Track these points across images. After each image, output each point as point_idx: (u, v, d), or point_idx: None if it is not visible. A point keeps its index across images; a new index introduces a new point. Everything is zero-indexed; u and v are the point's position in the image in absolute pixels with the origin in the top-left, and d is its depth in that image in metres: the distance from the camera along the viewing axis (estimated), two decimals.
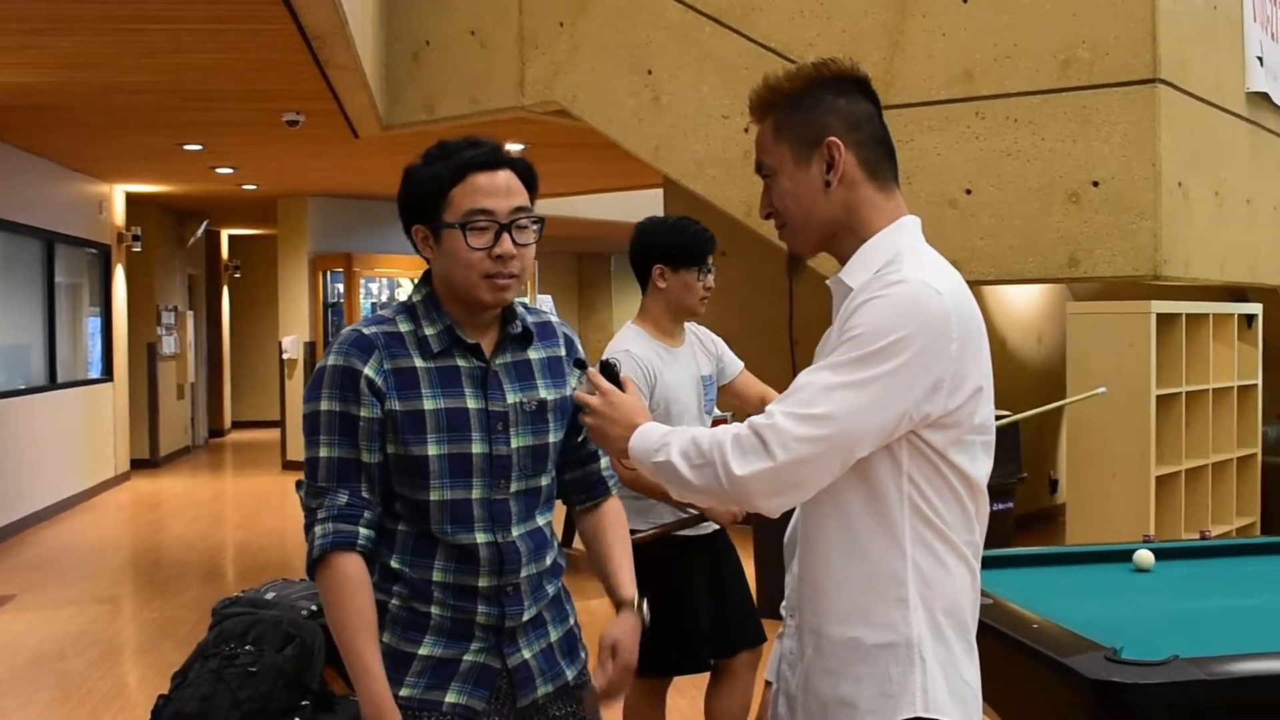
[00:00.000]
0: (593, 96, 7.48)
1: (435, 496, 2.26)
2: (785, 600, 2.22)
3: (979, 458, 1.99)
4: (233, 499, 13.51)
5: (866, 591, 1.97)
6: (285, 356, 15.09)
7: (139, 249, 14.32)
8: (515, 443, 2.31)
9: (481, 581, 2.28)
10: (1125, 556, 3.83)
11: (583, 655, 2.48)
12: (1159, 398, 6.40)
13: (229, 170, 12.47)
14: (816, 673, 2.03)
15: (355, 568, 2.23)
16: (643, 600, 2.46)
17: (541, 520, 2.40)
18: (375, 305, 14.45)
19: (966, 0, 6.20)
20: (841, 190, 2.04)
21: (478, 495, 2.28)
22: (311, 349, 14.81)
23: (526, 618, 2.33)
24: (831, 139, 2.02)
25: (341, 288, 14.94)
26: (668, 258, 4.01)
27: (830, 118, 2.04)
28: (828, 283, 2.10)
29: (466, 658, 2.28)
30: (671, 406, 3.92)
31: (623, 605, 2.44)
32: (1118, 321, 6.43)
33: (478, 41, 8.03)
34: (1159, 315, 6.41)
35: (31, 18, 6.58)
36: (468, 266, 2.26)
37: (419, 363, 2.28)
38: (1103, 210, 5.90)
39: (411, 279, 2.31)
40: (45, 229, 11.75)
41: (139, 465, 14.77)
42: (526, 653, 2.33)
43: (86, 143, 10.83)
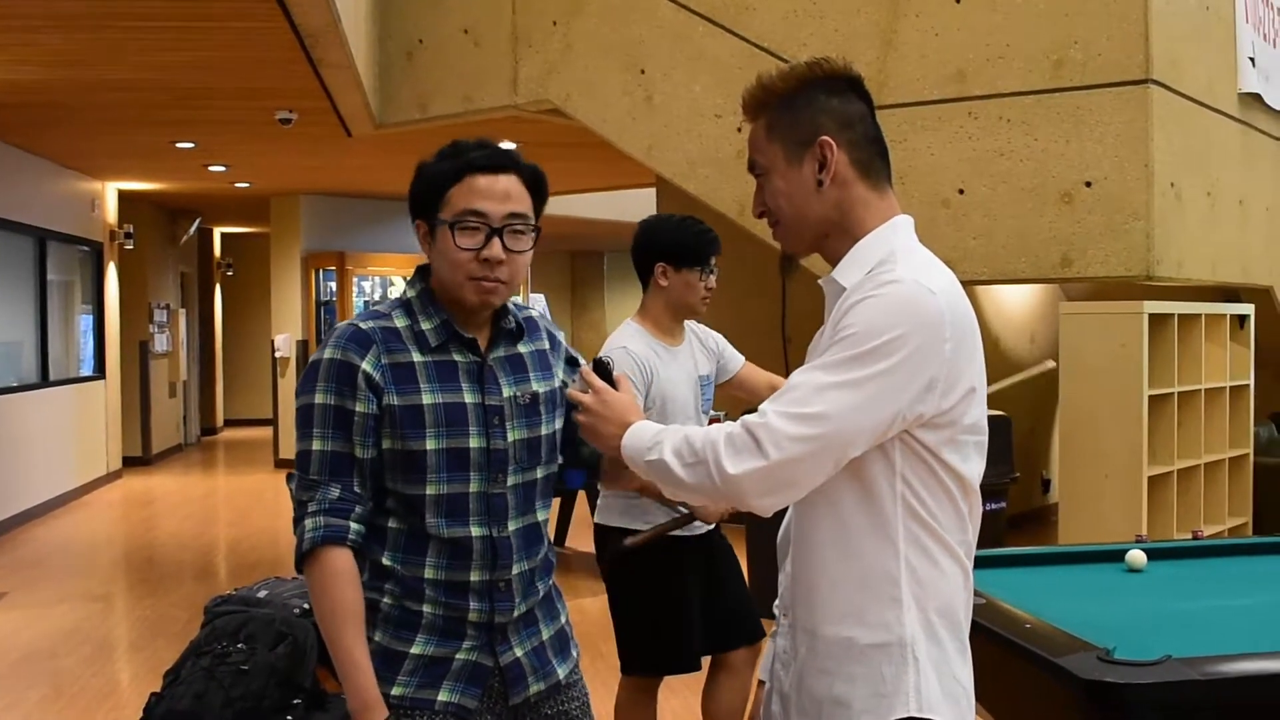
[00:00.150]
0: (586, 95, 7.48)
1: (432, 491, 2.26)
2: (778, 599, 2.22)
3: (972, 457, 2.00)
4: (225, 497, 13.50)
5: (860, 591, 1.97)
6: (278, 355, 15.07)
7: (131, 247, 14.30)
8: (511, 436, 2.32)
9: (474, 576, 2.28)
10: (1118, 556, 3.84)
11: (574, 654, 2.47)
12: (1151, 398, 6.41)
13: (222, 168, 12.45)
14: (810, 672, 2.03)
15: (345, 562, 2.23)
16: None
17: (540, 514, 2.40)
18: (368, 303, 14.44)
19: (959, 0, 6.20)
20: (834, 190, 2.04)
21: (474, 489, 2.28)
22: (304, 347, 14.80)
23: (517, 614, 2.33)
24: (824, 138, 2.02)
25: (334, 286, 14.93)
26: (671, 256, 4.01)
27: (823, 117, 2.04)
28: (820, 282, 2.10)
29: (459, 656, 2.28)
30: (668, 405, 3.92)
31: None
32: (1110, 322, 6.43)
33: (471, 40, 8.02)
34: (1151, 315, 6.42)
35: (23, 15, 6.56)
36: (454, 266, 2.27)
37: (416, 357, 2.28)
38: (1095, 210, 5.90)
39: (404, 277, 2.32)
40: (37, 226, 11.73)
41: (131, 463, 14.75)
42: (518, 650, 2.33)
43: (79, 140, 10.81)
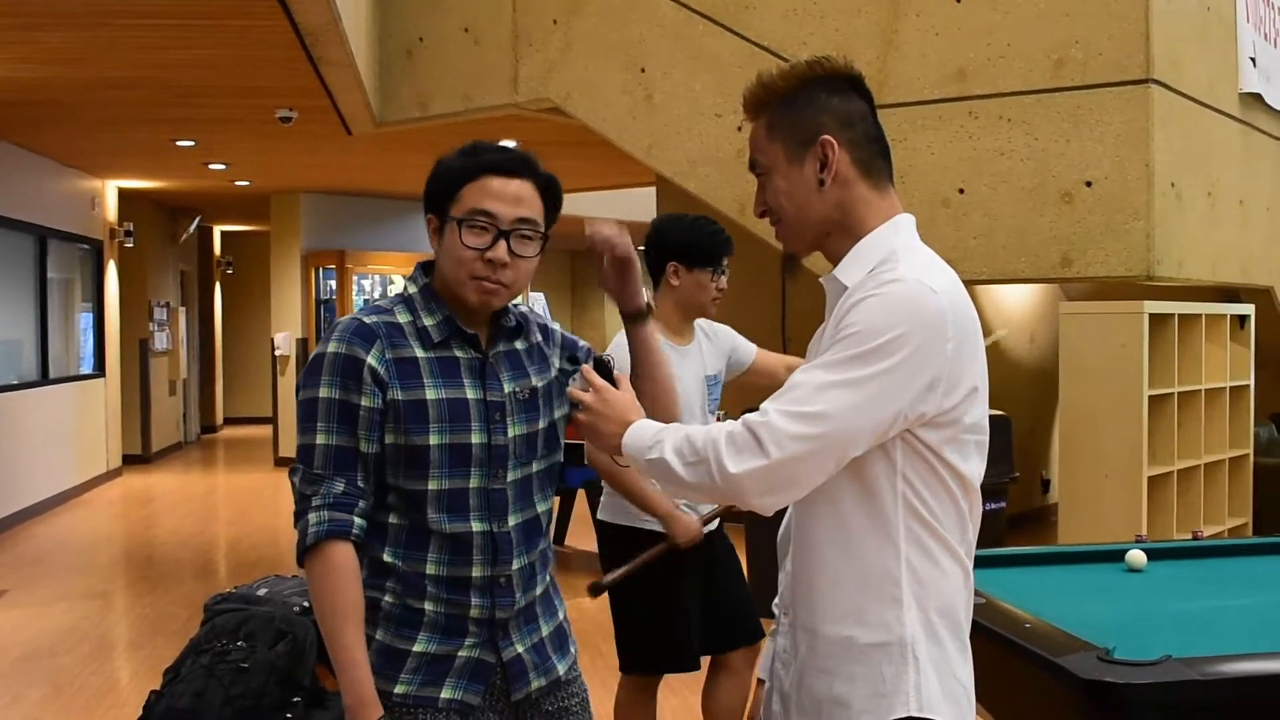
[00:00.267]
0: (586, 94, 7.48)
1: (434, 486, 2.26)
2: (778, 598, 2.22)
3: (973, 457, 1.99)
4: (225, 495, 13.50)
5: (860, 590, 1.97)
6: (277, 353, 15.08)
7: (131, 245, 14.30)
8: (512, 431, 2.32)
9: (475, 571, 2.28)
10: (1118, 556, 3.83)
11: (572, 650, 2.48)
12: (1151, 398, 6.41)
13: (222, 166, 12.45)
14: (810, 671, 2.03)
15: (347, 557, 2.22)
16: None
17: (541, 506, 2.40)
18: (368, 302, 14.43)
19: (959, 0, 6.20)
20: (835, 189, 2.03)
21: (475, 485, 2.28)
22: (304, 345, 14.80)
23: (517, 609, 2.33)
24: (825, 137, 2.02)
25: (334, 284, 14.94)
26: (683, 256, 4.00)
27: (824, 116, 2.03)
28: (821, 281, 2.10)
29: (461, 653, 2.28)
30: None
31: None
32: (1110, 321, 6.43)
33: (471, 39, 8.02)
34: (1151, 315, 6.42)
35: (22, 12, 6.56)
36: (458, 263, 2.27)
37: (419, 353, 2.28)
38: (1096, 210, 5.90)
39: (404, 276, 2.32)
40: (38, 225, 11.73)
41: (131, 461, 14.75)
42: (519, 646, 2.33)
43: (79, 138, 10.81)
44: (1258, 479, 7.79)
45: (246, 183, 13.81)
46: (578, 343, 2.53)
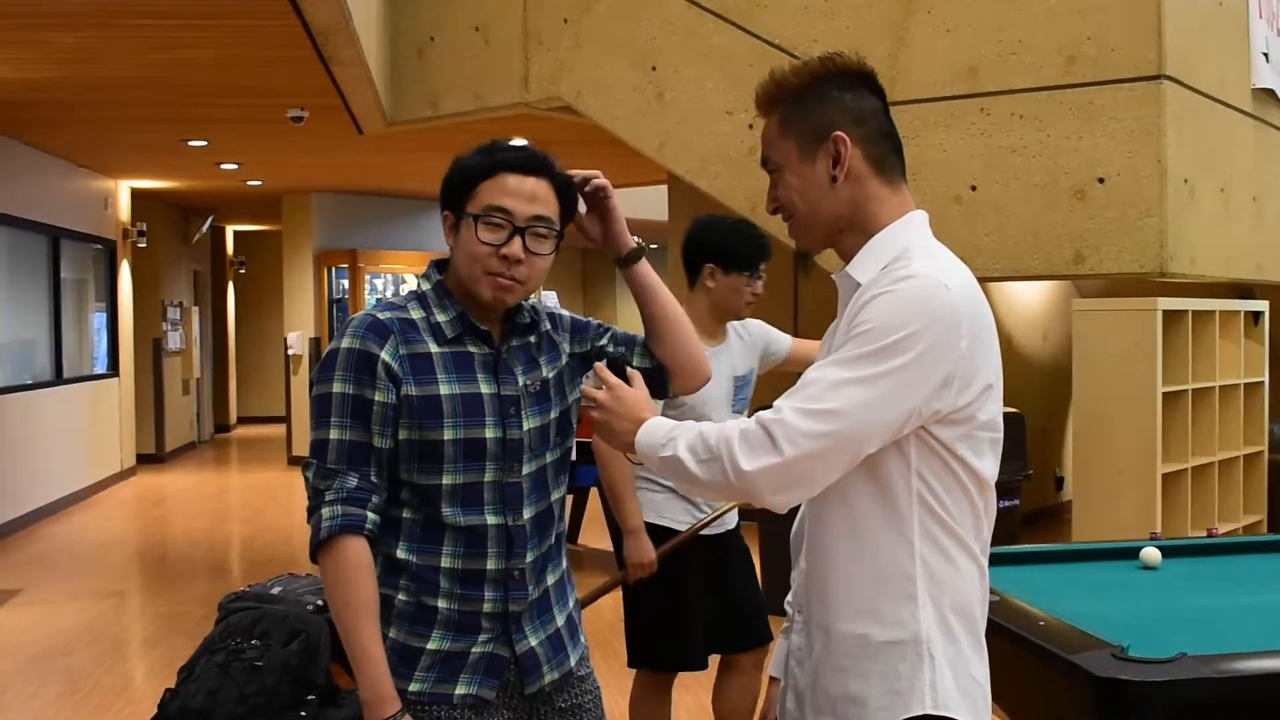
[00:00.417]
0: (597, 93, 7.48)
1: (448, 481, 2.26)
2: (791, 595, 2.21)
3: (987, 454, 1.98)
4: (238, 494, 13.53)
5: (875, 588, 1.97)
6: (290, 352, 15.11)
7: (144, 245, 14.34)
8: (526, 425, 2.32)
9: (489, 565, 2.28)
10: (1132, 554, 3.82)
11: (582, 640, 2.48)
12: (1165, 395, 6.39)
13: (234, 166, 12.48)
14: (825, 669, 2.02)
15: (361, 551, 2.23)
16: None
17: (555, 495, 2.40)
18: (380, 300, 14.47)
19: None
20: (848, 185, 2.03)
21: (489, 479, 2.28)
22: (316, 345, 14.83)
23: (530, 601, 2.33)
24: (838, 133, 2.01)
25: (346, 284, 14.97)
26: (721, 258, 4.00)
27: (836, 113, 2.03)
28: (834, 277, 2.09)
29: (475, 649, 2.28)
30: (698, 404, 3.88)
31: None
32: (1123, 318, 6.41)
33: (482, 38, 8.02)
34: (1165, 312, 6.40)
35: (33, 13, 6.58)
36: (472, 259, 2.28)
37: (433, 348, 2.29)
38: (1108, 207, 5.89)
39: (416, 275, 2.32)
40: (51, 225, 11.76)
41: (145, 460, 14.79)
42: (533, 639, 2.34)
43: (91, 139, 10.84)
44: (1273, 476, 7.77)
45: (259, 182, 13.83)
46: (589, 322, 2.53)
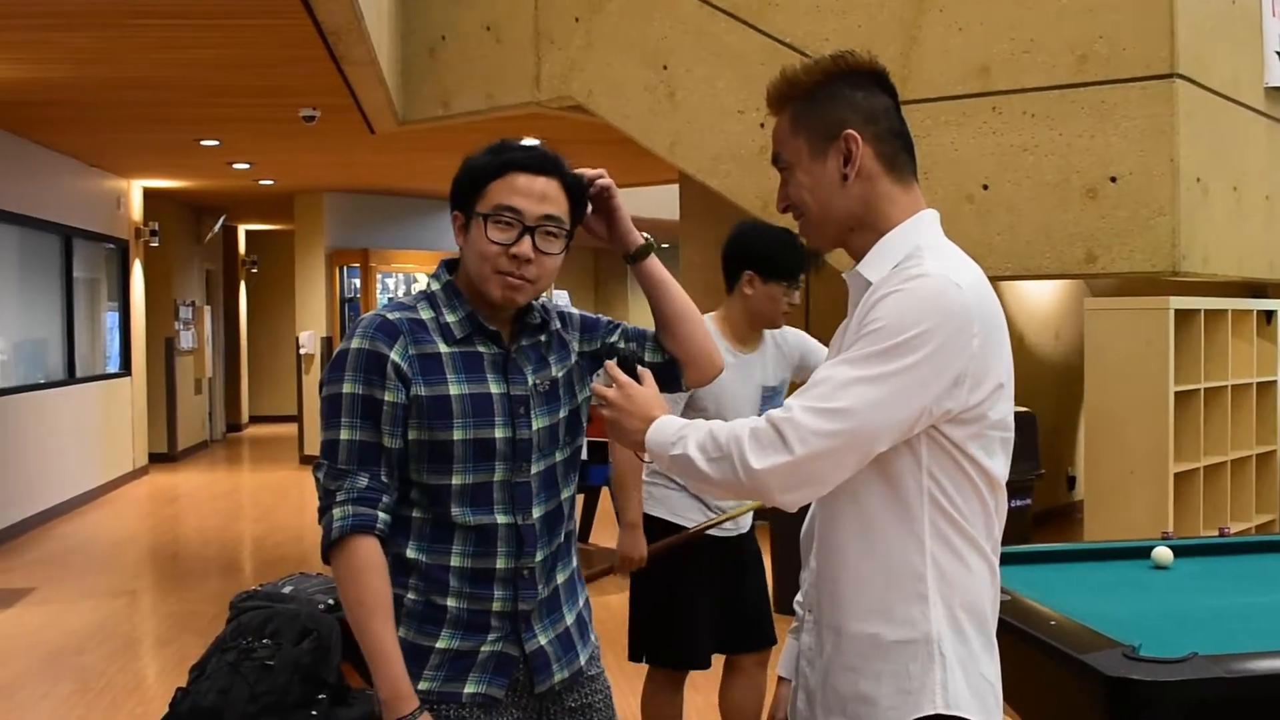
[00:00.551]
0: (608, 92, 7.48)
1: (457, 481, 2.26)
2: (801, 595, 2.21)
3: (998, 454, 1.98)
4: (250, 493, 13.55)
5: (886, 587, 1.96)
6: (302, 351, 15.13)
7: (156, 244, 14.38)
8: (536, 424, 2.32)
9: (499, 564, 2.28)
10: (1144, 553, 3.81)
11: (593, 639, 2.48)
12: (1177, 394, 6.38)
13: (246, 166, 12.50)
14: (836, 669, 2.02)
15: (373, 551, 2.23)
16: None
17: (565, 493, 2.40)
18: (391, 300, 14.49)
19: None
20: (859, 184, 2.02)
21: (499, 478, 2.29)
22: (328, 344, 14.86)
23: (539, 600, 2.33)
24: (849, 132, 2.01)
25: (358, 283, 14.99)
26: (760, 265, 3.98)
27: (847, 111, 2.02)
28: (845, 276, 2.09)
29: (484, 648, 2.29)
30: (724, 411, 3.85)
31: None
32: (1136, 318, 6.40)
33: (493, 37, 8.03)
34: (1177, 311, 6.39)
35: (46, 13, 6.59)
36: (482, 258, 2.28)
37: (442, 348, 2.29)
38: (1120, 206, 5.87)
39: (428, 274, 2.34)
40: (63, 224, 11.79)
41: (157, 459, 14.83)
42: (542, 638, 2.34)
43: (103, 138, 10.86)
44: None
45: (270, 182, 13.86)
46: (599, 319, 2.53)
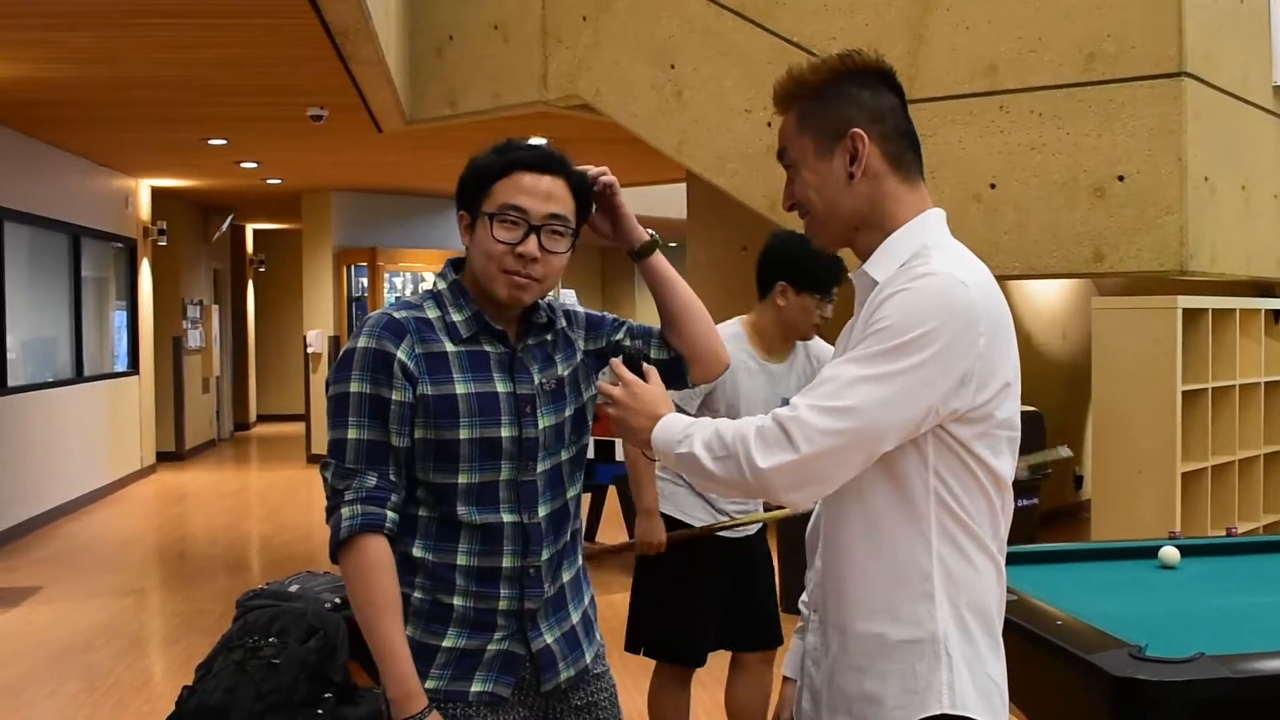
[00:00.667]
0: (616, 91, 7.48)
1: (463, 480, 2.27)
2: (806, 594, 2.21)
3: (1004, 453, 1.97)
4: (258, 492, 13.57)
5: (892, 587, 1.96)
6: (310, 350, 15.15)
7: (164, 243, 14.39)
8: (542, 424, 2.33)
9: (505, 562, 2.28)
10: (1151, 553, 3.81)
11: (598, 637, 2.48)
12: (1185, 393, 6.37)
13: (253, 165, 12.52)
14: (841, 669, 2.01)
15: (382, 550, 2.23)
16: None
17: (571, 492, 2.41)
18: (399, 299, 14.51)
19: None
20: (865, 183, 2.02)
21: (505, 477, 2.29)
22: (336, 343, 14.87)
23: (545, 598, 2.34)
24: (855, 131, 2.00)
25: (366, 282, 15.01)
26: (794, 276, 3.95)
27: (854, 110, 2.02)
28: (851, 275, 2.09)
29: (490, 646, 2.29)
30: (740, 417, 3.85)
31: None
32: (1143, 317, 6.40)
33: (501, 36, 8.03)
34: (1185, 310, 6.38)
35: (50, 12, 6.60)
36: (488, 258, 2.28)
37: (449, 347, 2.29)
38: (1128, 205, 5.87)
39: (435, 273, 2.34)
40: (72, 223, 11.81)
41: (164, 458, 14.84)
42: (548, 637, 2.34)
43: (111, 137, 10.88)
44: None
45: (278, 181, 13.87)
46: (604, 317, 2.53)
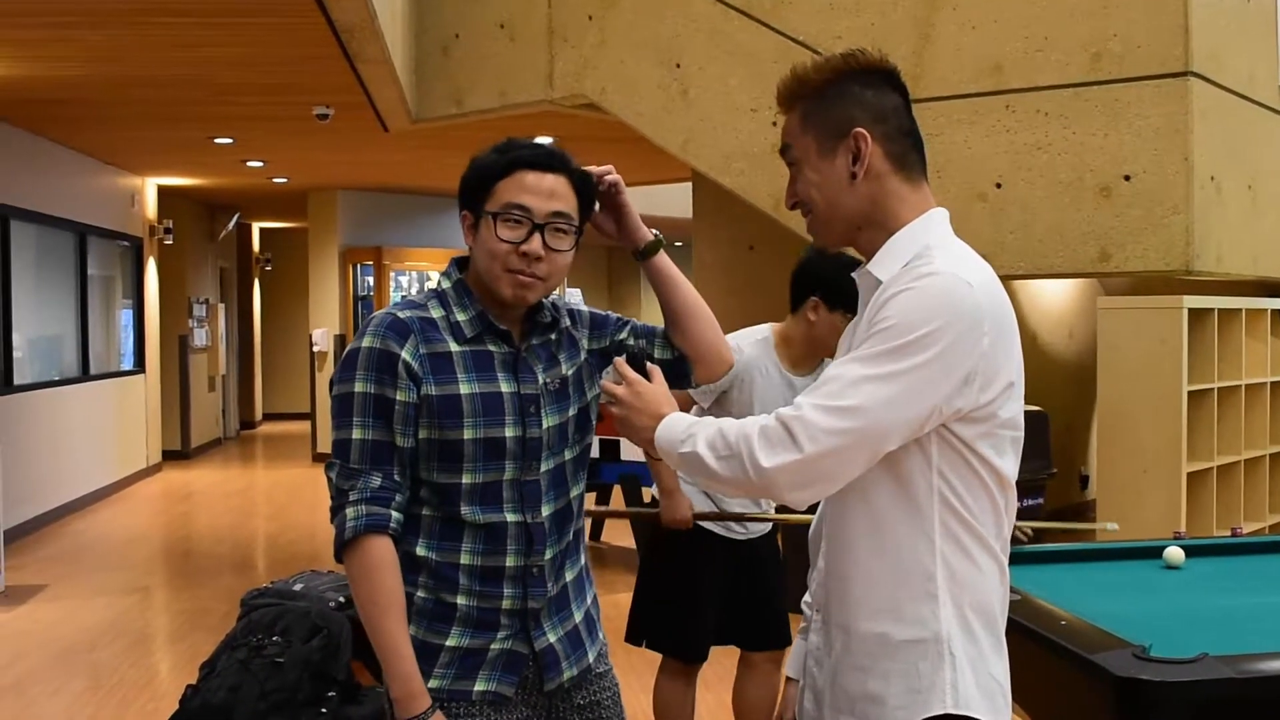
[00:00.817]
0: (621, 90, 7.48)
1: (467, 480, 2.27)
2: (809, 594, 2.21)
3: (1008, 453, 1.97)
4: (263, 491, 13.58)
5: (895, 586, 1.96)
6: (315, 349, 15.16)
7: (171, 242, 14.42)
8: (546, 423, 2.33)
9: (509, 561, 2.29)
10: (1155, 553, 3.80)
11: (600, 635, 2.49)
12: (1191, 393, 6.36)
13: (259, 164, 12.53)
14: (844, 668, 2.01)
15: (387, 550, 2.24)
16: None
17: (574, 491, 2.41)
18: (404, 298, 14.52)
19: None
20: (867, 182, 2.02)
21: (509, 477, 2.29)
22: (341, 341, 14.88)
23: (549, 597, 2.34)
24: (858, 130, 2.00)
25: (371, 280, 15.02)
26: (827, 293, 3.95)
27: (857, 109, 2.02)
28: (855, 275, 2.09)
29: (494, 646, 2.29)
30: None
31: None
32: (1149, 317, 6.39)
33: (507, 35, 8.03)
34: (1191, 310, 6.37)
35: (60, 11, 6.61)
36: (492, 257, 2.28)
37: (453, 347, 2.29)
38: (1134, 204, 5.86)
39: (441, 271, 2.33)
40: (78, 221, 11.83)
41: (170, 457, 14.87)
42: (552, 636, 2.34)
43: (118, 136, 10.90)
44: None
45: (284, 180, 13.89)
46: (608, 316, 2.52)
